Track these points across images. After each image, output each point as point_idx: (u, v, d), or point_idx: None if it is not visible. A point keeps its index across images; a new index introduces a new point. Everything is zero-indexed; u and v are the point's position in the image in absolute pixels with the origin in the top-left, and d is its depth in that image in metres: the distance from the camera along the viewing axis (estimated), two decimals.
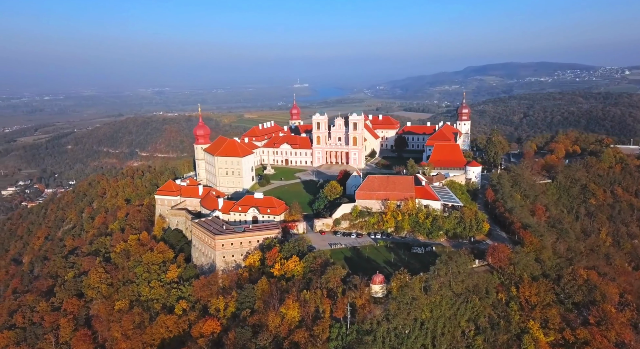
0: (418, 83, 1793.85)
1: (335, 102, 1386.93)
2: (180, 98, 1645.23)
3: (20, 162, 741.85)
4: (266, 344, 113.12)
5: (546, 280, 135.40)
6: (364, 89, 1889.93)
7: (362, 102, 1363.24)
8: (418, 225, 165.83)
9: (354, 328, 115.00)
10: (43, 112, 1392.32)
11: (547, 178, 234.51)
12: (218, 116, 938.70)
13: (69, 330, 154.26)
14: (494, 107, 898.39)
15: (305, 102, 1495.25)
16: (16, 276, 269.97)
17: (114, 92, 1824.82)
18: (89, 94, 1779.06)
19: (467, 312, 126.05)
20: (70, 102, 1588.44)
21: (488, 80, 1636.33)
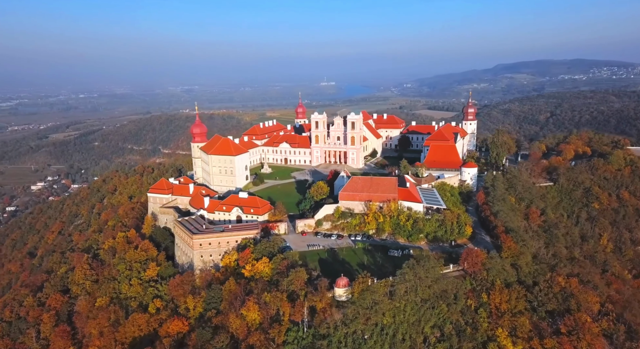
0: (446, 81, 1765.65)
1: (360, 100, 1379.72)
2: (208, 96, 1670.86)
3: (49, 158, 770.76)
4: (223, 346, 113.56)
5: (520, 286, 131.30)
6: (391, 87, 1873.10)
7: (387, 100, 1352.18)
8: (399, 227, 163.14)
9: (310, 332, 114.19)
10: (77, 110, 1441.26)
11: (550, 180, 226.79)
12: (240, 114, 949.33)
13: (49, 326, 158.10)
14: (520, 105, 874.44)
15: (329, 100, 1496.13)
16: (27, 269, 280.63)
17: (145, 90, 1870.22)
18: (121, 92, 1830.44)
19: (433, 318, 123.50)
20: (103, 100, 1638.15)
21: (519, 78, 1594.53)
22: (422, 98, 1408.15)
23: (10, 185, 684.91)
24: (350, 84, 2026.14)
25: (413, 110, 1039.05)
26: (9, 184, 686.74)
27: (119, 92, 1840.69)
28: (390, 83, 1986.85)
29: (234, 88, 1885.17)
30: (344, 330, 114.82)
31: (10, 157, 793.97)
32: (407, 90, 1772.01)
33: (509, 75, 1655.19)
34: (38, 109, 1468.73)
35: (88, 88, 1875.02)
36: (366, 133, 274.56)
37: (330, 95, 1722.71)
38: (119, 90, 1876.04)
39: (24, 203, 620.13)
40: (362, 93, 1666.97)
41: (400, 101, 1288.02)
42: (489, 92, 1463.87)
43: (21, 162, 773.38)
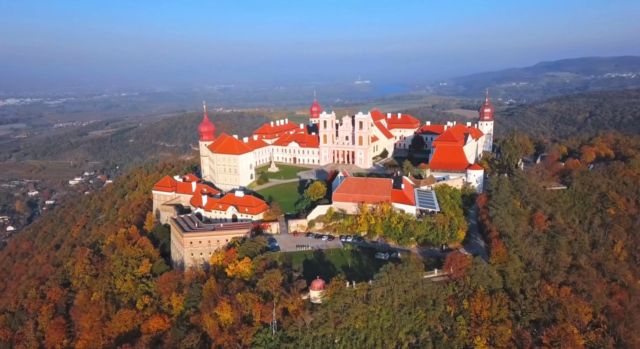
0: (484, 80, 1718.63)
1: (393, 98, 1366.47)
2: (243, 95, 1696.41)
3: (87, 154, 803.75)
4: (193, 345, 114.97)
5: (503, 294, 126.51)
6: (427, 86, 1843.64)
7: (420, 99, 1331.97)
8: (390, 230, 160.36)
9: (278, 334, 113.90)
10: (118, 108, 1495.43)
11: (563, 184, 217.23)
12: (270, 113, 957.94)
13: (46, 318, 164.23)
14: (557, 105, 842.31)
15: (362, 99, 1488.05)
16: (51, 261, 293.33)
17: (183, 89, 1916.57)
18: (160, 91, 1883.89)
19: (409, 324, 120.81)
20: (143, 98, 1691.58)
21: (561, 77, 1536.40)
22: (457, 97, 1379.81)
23: (50, 179, 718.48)
24: (385, 83, 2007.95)
25: (445, 109, 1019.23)
26: (50, 179, 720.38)
27: (159, 90, 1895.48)
28: (426, 81, 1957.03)
29: (268, 87, 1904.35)
30: (313, 333, 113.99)
31: (52, 153, 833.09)
32: (442, 89, 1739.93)
33: (550, 73, 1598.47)
34: (83, 107, 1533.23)
35: (130, 87, 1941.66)
36: (377, 133, 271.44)
37: (364, 94, 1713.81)
38: (159, 89, 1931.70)
39: (62, 197, 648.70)
40: (396, 92, 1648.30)
41: (433, 100, 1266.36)
42: (528, 90, 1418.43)
43: (61, 158, 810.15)
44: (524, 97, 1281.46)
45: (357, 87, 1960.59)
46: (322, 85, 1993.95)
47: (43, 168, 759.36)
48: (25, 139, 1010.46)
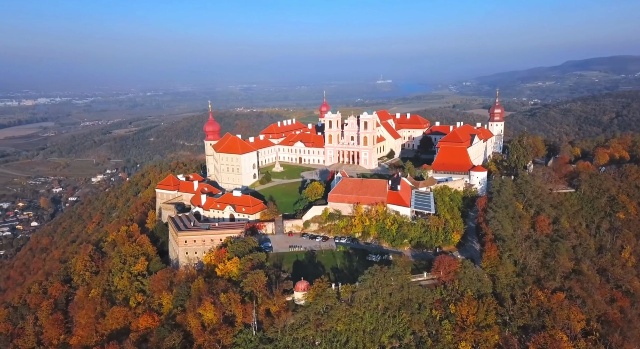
0: (508, 79, 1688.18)
1: (414, 98, 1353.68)
2: (264, 94, 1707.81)
3: (110, 152, 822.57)
4: (175, 344, 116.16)
5: (491, 299, 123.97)
6: (449, 85, 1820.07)
7: (442, 98, 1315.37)
8: (384, 232, 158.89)
9: (258, 336, 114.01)
10: (142, 107, 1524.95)
11: (571, 187, 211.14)
12: (288, 113, 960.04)
13: (46, 313, 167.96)
14: (582, 105, 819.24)
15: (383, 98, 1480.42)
16: None
17: (207, 89, 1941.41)
18: (184, 90, 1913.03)
19: (393, 327, 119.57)
20: (167, 98, 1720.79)
21: (589, 76, 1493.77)
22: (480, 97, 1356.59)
23: (74, 176, 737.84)
24: (407, 82, 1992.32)
25: (466, 109, 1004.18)
26: (74, 176, 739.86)
27: (182, 90, 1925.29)
28: (449, 81, 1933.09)
29: (290, 87, 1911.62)
30: (293, 335, 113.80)
31: (77, 151, 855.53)
32: (465, 89, 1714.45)
33: (578, 72, 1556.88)
34: (109, 106, 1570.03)
35: (155, 87, 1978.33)
36: (383, 133, 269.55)
37: (385, 93, 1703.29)
38: (183, 88, 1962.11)
39: (84, 194, 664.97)
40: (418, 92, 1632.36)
41: (455, 99, 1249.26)
42: (555, 90, 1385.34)
43: (85, 156, 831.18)
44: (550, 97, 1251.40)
45: (379, 86, 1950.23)
46: (344, 84, 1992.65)
47: (67, 166, 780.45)
48: (53, 137, 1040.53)
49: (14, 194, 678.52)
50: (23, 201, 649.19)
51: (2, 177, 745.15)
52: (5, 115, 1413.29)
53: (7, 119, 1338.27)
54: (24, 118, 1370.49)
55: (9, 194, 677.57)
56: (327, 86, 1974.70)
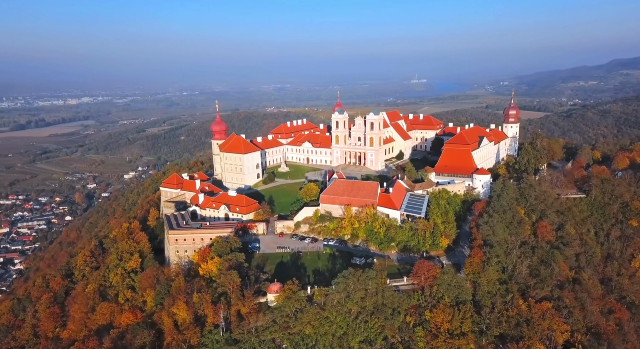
0: (549, 78, 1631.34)
1: (447, 98, 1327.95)
2: (297, 94, 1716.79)
3: (142, 150, 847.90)
4: (146, 342, 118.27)
5: (467, 306, 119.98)
6: (486, 85, 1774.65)
7: (476, 98, 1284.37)
8: (372, 234, 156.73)
9: (224, 336, 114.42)
10: (178, 106, 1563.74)
11: (582, 192, 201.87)
12: (315, 112, 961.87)
13: (44, 306, 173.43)
14: (623, 106, 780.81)
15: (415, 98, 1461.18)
16: None
17: (241, 88, 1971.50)
18: (219, 90, 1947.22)
19: (364, 332, 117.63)
20: (202, 97, 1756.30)
21: (637, 75, 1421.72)
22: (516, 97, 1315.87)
23: (108, 173, 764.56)
24: (442, 82, 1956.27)
25: (499, 109, 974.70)
26: (107, 172, 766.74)
27: (217, 89, 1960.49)
28: (486, 80, 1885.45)
29: (322, 86, 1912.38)
30: (261, 337, 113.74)
31: (112, 148, 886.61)
32: (502, 88, 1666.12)
33: (624, 71, 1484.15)
34: (147, 105, 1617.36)
35: (191, 86, 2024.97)
36: (393, 134, 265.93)
37: (419, 93, 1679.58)
38: (218, 88, 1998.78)
39: (116, 190, 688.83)
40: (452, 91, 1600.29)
41: (489, 100, 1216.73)
42: (598, 90, 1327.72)
43: (119, 153, 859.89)
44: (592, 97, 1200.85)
45: (413, 86, 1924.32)
46: (377, 83, 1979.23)
47: (102, 163, 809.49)
48: (92, 135, 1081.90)
49: (52, 189, 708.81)
50: (60, 196, 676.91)
51: (42, 173, 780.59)
52: (52, 113, 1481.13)
53: (53, 117, 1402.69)
54: (68, 116, 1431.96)
55: (48, 189, 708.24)
56: (360, 85, 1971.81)
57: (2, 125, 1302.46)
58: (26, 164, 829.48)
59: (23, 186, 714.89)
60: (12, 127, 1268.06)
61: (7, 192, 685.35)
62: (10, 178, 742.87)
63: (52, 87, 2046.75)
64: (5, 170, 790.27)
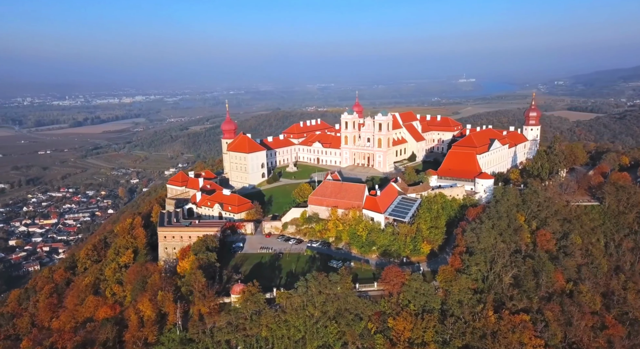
0: (608, 78, 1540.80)
1: (495, 98, 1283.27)
2: (340, 93, 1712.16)
3: (183, 147, 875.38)
4: (108, 337, 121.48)
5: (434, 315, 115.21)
6: (539, 84, 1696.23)
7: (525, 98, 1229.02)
8: (355, 237, 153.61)
9: (180, 336, 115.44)
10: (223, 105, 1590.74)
11: (596, 199, 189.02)
12: None
13: (44, 297, 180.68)
14: None
15: (461, 98, 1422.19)
16: None
17: (286, 88, 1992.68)
18: (264, 89, 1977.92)
19: (324, 337, 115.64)
20: (247, 96, 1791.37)
21: None
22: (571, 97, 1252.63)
23: (150, 169, 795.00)
24: (492, 81, 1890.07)
25: (548, 110, 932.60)
26: (150, 168, 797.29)
27: (263, 89, 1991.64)
28: (539, 79, 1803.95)
29: (367, 86, 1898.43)
30: (216, 337, 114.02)
31: (156, 145, 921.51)
32: (557, 88, 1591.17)
33: None
34: (194, 104, 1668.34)
35: (238, 86, 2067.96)
36: (405, 136, 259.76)
37: (466, 92, 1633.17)
38: (263, 87, 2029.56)
39: (157, 186, 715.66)
40: (501, 91, 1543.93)
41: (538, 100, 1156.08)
42: None
43: (162, 150, 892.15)
44: None
45: (461, 85, 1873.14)
46: (423, 83, 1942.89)
47: (146, 159, 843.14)
48: (140, 132, 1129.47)
49: (99, 183, 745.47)
50: (105, 190, 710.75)
51: (92, 167, 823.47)
52: (107, 111, 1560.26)
53: (107, 115, 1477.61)
54: (121, 114, 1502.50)
55: (95, 183, 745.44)
56: (405, 85, 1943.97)
57: (62, 121, 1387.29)
58: (78, 159, 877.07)
59: (74, 180, 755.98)
60: (70, 123, 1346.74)
61: (59, 185, 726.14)
62: (63, 172, 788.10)
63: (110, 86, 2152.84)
64: (59, 164, 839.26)
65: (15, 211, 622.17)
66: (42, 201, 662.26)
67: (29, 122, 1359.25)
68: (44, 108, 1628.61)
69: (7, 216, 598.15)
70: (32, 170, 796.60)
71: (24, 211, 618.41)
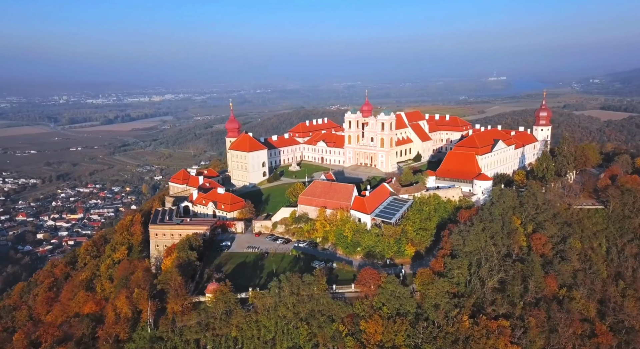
0: None
1: (524, 96, 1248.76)
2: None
3: (206, 145, 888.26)
4: (84, 332, 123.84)
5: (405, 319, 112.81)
6: (572, 83, 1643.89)
7: (556, 96, 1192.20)
8: (341, 238, 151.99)
9: (150, 334, 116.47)
10: (249, 104, 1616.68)
11: (601, 203, 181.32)
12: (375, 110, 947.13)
13: (43, 290, 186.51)
14: None
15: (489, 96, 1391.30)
16: None
17: (312, 86, 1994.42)
18: (291, 88, 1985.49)
19: (294, 338, 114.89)
20: (274, 95, 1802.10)
21: None
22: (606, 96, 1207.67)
23: (174, 166, 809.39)
24: (524, 79, 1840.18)
25: (579, 109, 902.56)
26: (173, 165, 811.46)
27: (289, 87, 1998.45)
28: (574, 77, 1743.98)
29: (394, 84, 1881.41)
30: (186, 336, 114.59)
31: (180, 143, 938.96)
32: (591, 86, 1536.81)
33: None
34: (221, 102, 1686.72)
35: (265, 84, 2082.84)
36: (411, 135, 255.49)
37: (495, 91, 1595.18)
38: (290, 86, 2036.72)
39: None
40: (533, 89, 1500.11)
41: (570, 99, 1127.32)
42: None
43: (186, 147, 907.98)
44: None
45: (490, 83, 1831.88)
46: (450, 81, 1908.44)
47: (170, 156, 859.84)
48: (167, 130, 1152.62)
49: (124, 179, 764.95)
50: (130, 186, 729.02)
51: (118, 164, 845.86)
52: (137, 109, 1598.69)
53: (137, 113, 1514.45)
54: (150, 112, 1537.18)
55: (121, 179, 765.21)
56: (433, 83, 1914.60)
57: (94, 119, 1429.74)
58: (106, 156, 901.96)
59: (101, 176, 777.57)
60: (102, 121, 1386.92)
61: (87, 181, 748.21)
62: (91, 168, 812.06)
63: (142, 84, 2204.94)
64: (88, 161, 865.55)
65: (44, 205, 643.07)
66: (70, 197, 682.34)
67: (64, 120, 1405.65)
68: (78, 106, 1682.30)
69: (37, 210, 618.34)
70: (63, 166, 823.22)
71: (53, 206, 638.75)
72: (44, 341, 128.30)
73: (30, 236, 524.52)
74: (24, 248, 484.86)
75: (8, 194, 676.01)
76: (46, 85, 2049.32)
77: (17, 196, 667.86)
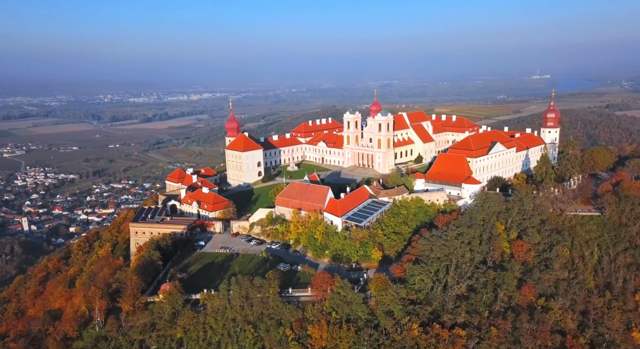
0: None
1: (566, 95, 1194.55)
2: (401, 91, 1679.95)
3: None
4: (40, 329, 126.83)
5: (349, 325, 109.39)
6: (622, 81, 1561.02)
7: (601, 95, 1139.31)
8: (311, 240, 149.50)
9: (96, 333, 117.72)
10: (284, 102, 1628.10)
11: (598, 210, 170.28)
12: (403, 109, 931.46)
13: (34, 284, 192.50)
14: None
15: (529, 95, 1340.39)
16: None
17: (347, 85, 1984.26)
18: (326, 87, 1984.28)
19: (242, 341, 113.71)
20: (308, 94, 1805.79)
21: None
22: None
23: (202, 163, 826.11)
24: (569, 78, 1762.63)
25: (623, 109, 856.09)
26: (202, 163, 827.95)
27: (324, 86, 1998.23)
28: (624, 75, 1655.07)
29: (431, 83, 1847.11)
30: (130, 336, 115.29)
31: (211, 141, 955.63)
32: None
33: None
34: (256, 101, 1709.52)
35: (300, 84, 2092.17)
36: (412, 136, 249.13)
37: (537, 90, 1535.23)
38: (325, 85, 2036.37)
39: None
40: (578, 88, 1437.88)
41: (615, 98, 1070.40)
42: None
43: (216, 145, 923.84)
44: None
45: (533, 82, 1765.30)
46: (490, 80, 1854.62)
47: (200, 154, 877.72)
48: (201, 128, 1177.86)
49: (155, 176, 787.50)
50: (159, 183, 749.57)
51: (151, 161, 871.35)
52: (175, 107, 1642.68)
53: (174, 111, 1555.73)
54: (187, 110, 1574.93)
55: (152, 176, 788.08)
56: (472, 82, 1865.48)
57: (134, 117, 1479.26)
58: (141, 153, 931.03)
59: (134, 173, 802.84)
60: (141, 119, 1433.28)
61: (121, 177, 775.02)
62: (125, 165, 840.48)
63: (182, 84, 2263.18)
64: (124, 157, 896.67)
65: (79, 200, 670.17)
66: (104, 192, 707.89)
67: (106, 118, 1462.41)
68: (121, 104, 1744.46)
69: (72, 204, 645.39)
70: (100, 162, 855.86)
71: (87, 200, 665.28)
72: (11, 335, 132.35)
73: (64, 229, 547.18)
74: (56, 240, 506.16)
75: (48, 188, 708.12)
76: (94, 84, 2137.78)
77: (56, 190, 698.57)
